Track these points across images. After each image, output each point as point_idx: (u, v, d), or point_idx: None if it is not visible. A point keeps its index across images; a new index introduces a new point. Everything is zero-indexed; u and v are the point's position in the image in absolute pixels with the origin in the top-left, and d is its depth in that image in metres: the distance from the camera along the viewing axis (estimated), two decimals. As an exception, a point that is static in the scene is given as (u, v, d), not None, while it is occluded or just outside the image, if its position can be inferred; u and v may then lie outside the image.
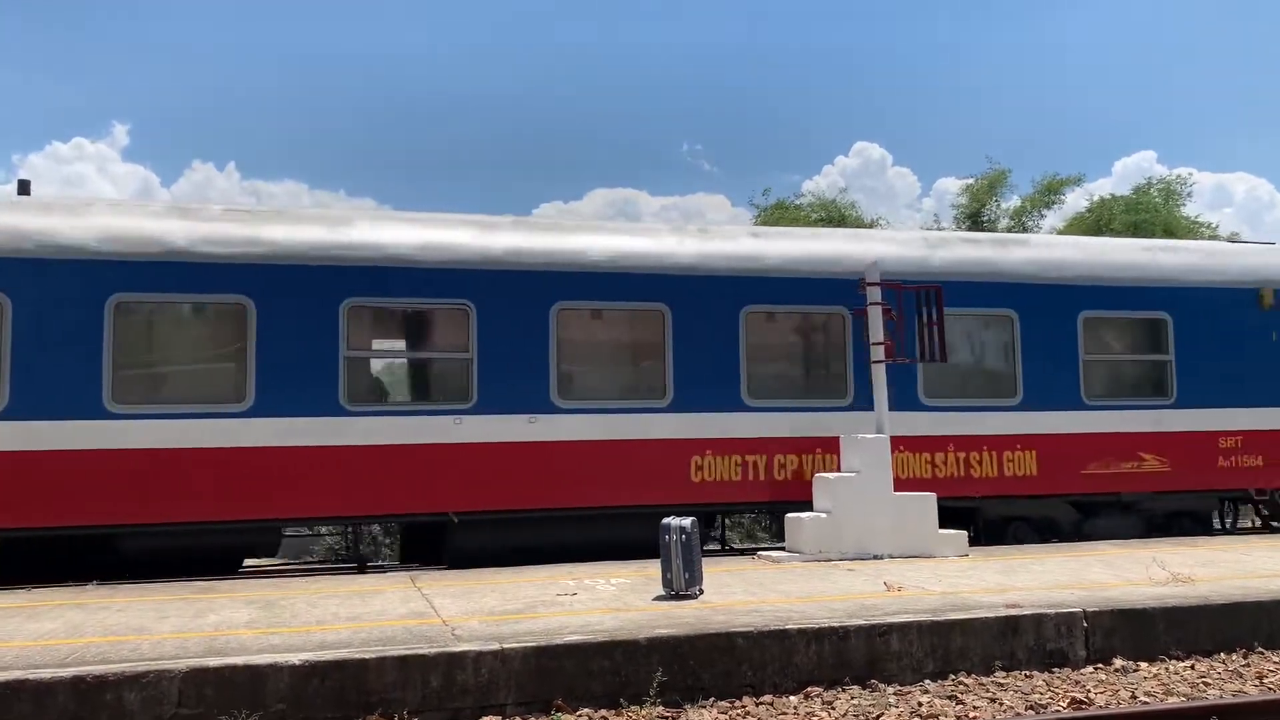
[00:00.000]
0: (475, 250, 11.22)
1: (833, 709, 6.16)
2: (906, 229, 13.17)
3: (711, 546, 12.84)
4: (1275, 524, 13.67)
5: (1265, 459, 13.19)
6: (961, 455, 12.19)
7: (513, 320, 11.11)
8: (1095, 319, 12.88)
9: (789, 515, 10.74)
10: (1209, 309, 13.18)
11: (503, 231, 11.56)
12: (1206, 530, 13.17)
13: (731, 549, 13.65)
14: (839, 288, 11.90)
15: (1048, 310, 12.61)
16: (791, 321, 12.29)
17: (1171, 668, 7.01)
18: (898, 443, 11.56)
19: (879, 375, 10.98)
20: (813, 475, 11.25)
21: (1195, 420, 12.93)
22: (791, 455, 11.70)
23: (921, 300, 11.53)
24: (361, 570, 11.29)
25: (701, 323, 11.62)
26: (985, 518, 12.26)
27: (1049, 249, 13.45)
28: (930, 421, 12.05)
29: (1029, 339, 12.49)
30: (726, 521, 13.17)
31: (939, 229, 30.68)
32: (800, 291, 12.02)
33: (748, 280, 11.88)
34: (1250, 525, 14.14)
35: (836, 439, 11.33)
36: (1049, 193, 30.59)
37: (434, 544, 11.30)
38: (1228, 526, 13.85)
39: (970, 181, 31.17)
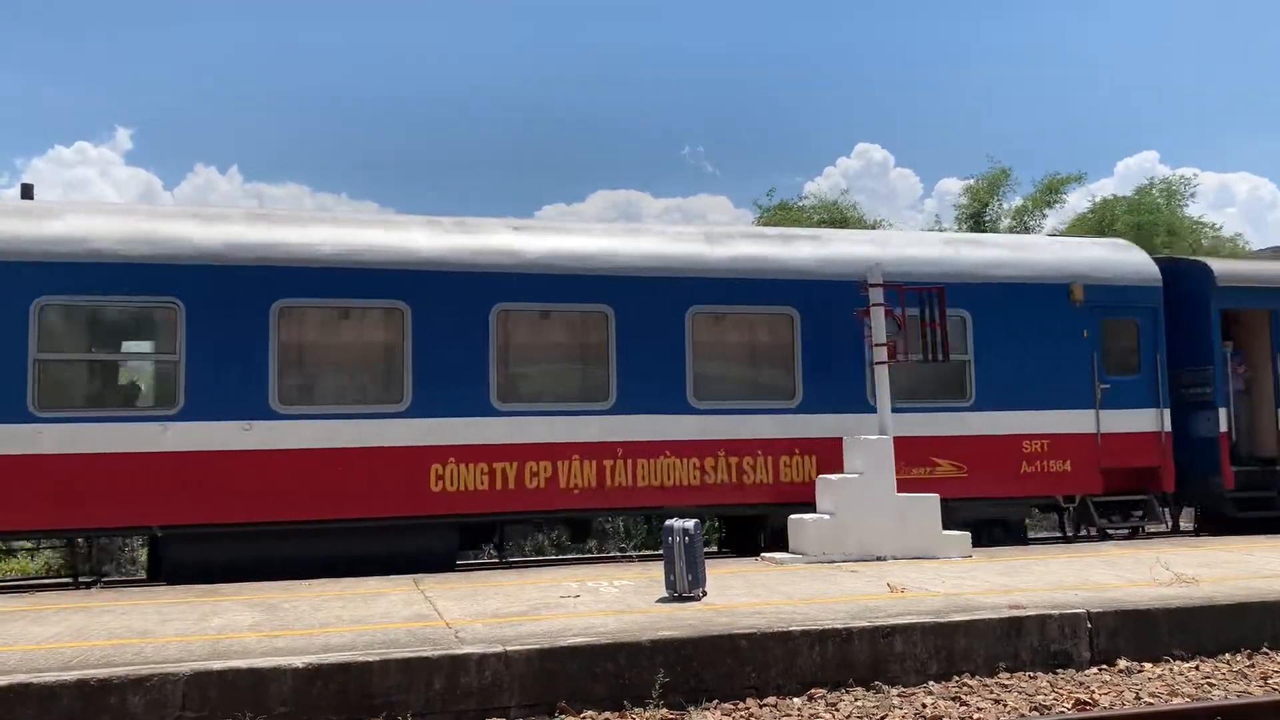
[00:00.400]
0: (184, 243, 10.43)
1: (836, 710, 6.15)
2: (689, 225, 12.37)
3: (487, 560, 12.16)
4: (1111, 532, 12.92)
5: (1074, 464, 12.36)
6: (734, 460, 11.44)
7: (226, 320, 10.33)
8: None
9: (792, 517, 10.71)
10: (1014, 306, 12.38)
11: (223, 224, 10.78)
12: (1018, 540, 12.42)
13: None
14: (605, 285, 11.33)
15: (833, 308, 11.77)
16: (551, 320, 11.44)
17: (1176, 668, 7.01)
18: (663, 447, 11.21)
19: (881, 376, 10.97)
20: (569, 483, 10.92)
21: (996, 423, 12.18)
22: (545, 462, 10.95)
23: (924, 301, 11.50)
24: (76, 586, 10.55)
25: (447, 321, 10.86)
26: (772, 526, 11.47)
27: (838, 244, 12.59)
28: (701, 425, 11.34)
29: (810, 338, 11.75)
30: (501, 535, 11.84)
31: (940, 230, 30.68)
32: (560, 289, 11.24)
33: (501, 277, 11.08)
34: (1087, 534, 13.20)
35: (597, 445, 11.01)
36: (1049, 192, 30.53)
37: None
38: (1068, 535, 13.19)
39: (971, 182, 31.13)
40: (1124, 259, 13.35)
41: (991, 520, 12.32)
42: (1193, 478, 13.24)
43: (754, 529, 11.99)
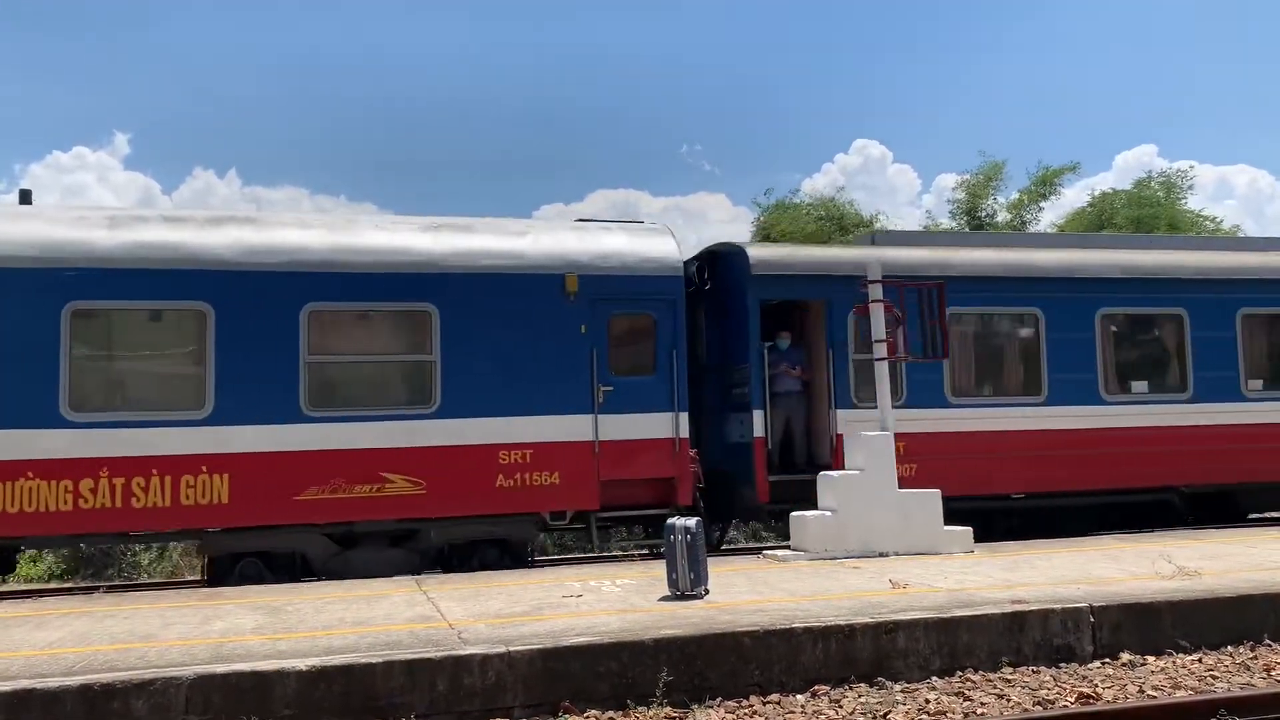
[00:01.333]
0: None
1: (840, 707, 6.15)
2: (91, 206, 11.00)
3: None
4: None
5: (565, 476, 11.03)
6: (120, 481, 10.00)
7: None
8: (327, 312, 10.74)
9: (794, 514, 10.71)
10: (495, 299, 11.04)
11: None
12: (520, 563, 11.07)
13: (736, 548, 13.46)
14: None
15: (259, 304, 10.48)
16: None
17: (1179, 661, 7.01)
18: (25, 467, 9.80)
19: (882, 373, 10.96)
20: None
21: (466, 432, 10.83)
22: None
23: (923, 298, 11.46)
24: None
25: None
26: (211, 555, 10.57)
27: (276, 230, 10.96)
28: (78, 440, 9.93)
29: (226, 339, 10.39)
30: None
31: (936, 226, 30.67)
32: None
33: None
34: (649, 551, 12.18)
35: None
36: (1044, 184, 30.51)
37: None
38: (575, 556, 12.23)
39: (966, 177, 31.12)
40: (639, 246, 11.83)
41: (486, 541, 11.09)
42: (734, 488, 12.27)
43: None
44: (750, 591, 8.16)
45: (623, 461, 11.28)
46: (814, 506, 10.63)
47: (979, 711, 6.02)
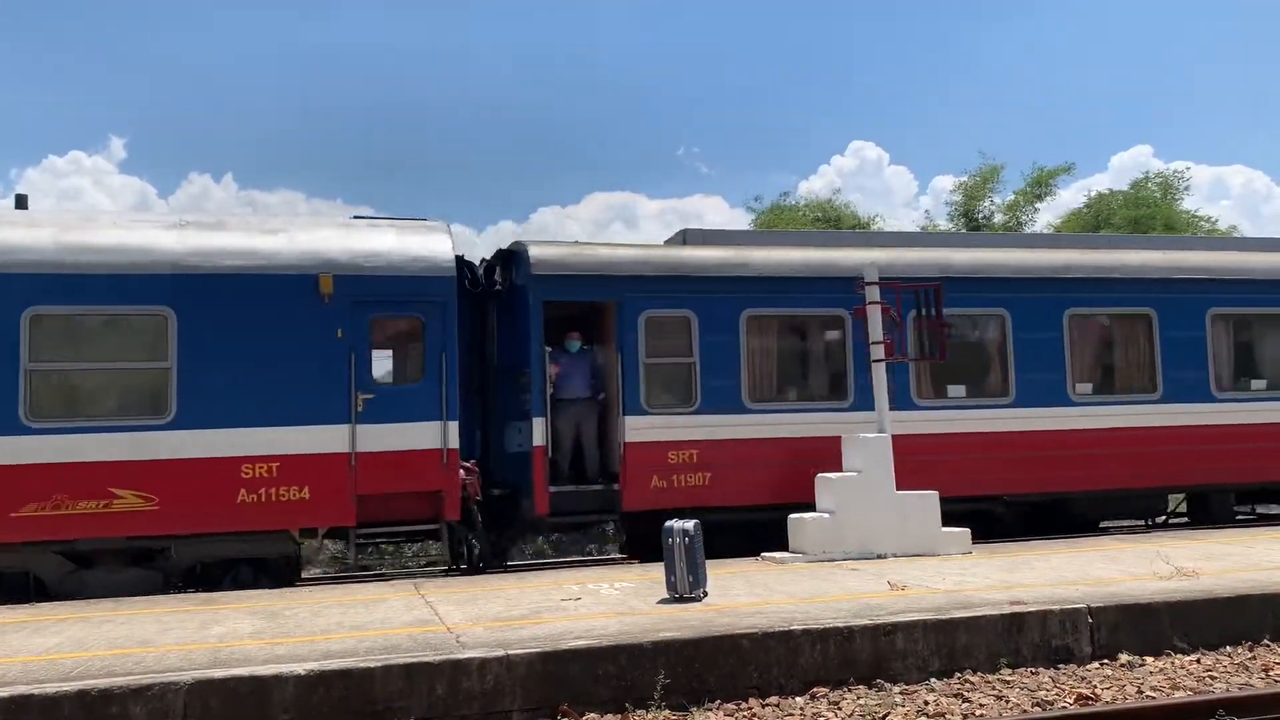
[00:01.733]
0: None
1: (839, 709, 6.15)
2: None
3: None
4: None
5: (315, 490, 10.29)
6: None
7: None
8: (52, 316, 9.99)
9: (792, 516, 10.71)
10: (238, 302, 10.31)
11: None
12: (281, 582, 10.35)
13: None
14: None
15: None
16: None
17: (1177, 662, 7.01)
18: None
19: (879, 374, 10.97)
20: None
21: (205, 444, 10.07)
22: None
23: (921, 299, 11.46)
24: None
25: None
26: None
27: None
28: None
29: None
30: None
31: (934, 227, 30.74)
32: None
33: None
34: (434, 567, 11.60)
35: None
36: (1038, 185, 30.58)
37: None
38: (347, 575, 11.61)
39: (964, 179, 31.20)
40: (408, 245, 11.03)
41: (236, 559, 10.36)
42: (517, 500, 11.65)
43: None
44: (748, 594, 8.16)
45: (385, 474, 10.54)
46: (599, 519, 9.97)
47: (978, 713, 6.02)
